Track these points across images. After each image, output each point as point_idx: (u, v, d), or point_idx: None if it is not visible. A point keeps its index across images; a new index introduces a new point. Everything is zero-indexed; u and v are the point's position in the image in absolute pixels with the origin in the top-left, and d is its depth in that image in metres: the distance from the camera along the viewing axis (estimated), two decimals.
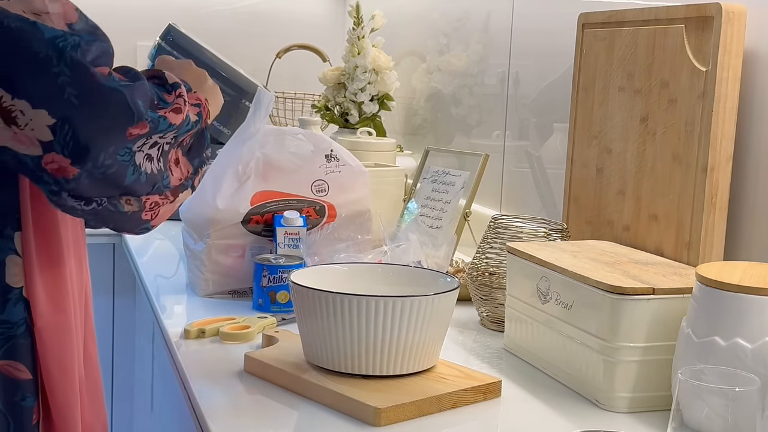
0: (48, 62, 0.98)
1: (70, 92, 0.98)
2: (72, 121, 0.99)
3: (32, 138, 0.99)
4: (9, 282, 1.12)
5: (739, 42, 1.41)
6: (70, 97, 0.98)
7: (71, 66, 0.98)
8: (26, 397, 1.15)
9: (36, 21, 0.98)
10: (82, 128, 1.00)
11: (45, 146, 1.00)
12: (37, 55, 0.97)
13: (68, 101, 0.98)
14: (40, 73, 0.98)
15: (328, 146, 1.88)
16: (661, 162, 1.52)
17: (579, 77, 1.73)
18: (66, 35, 0.99)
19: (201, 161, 1.23)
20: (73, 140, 0.99)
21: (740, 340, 1.10)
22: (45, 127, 0.99)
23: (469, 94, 2.47)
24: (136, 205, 1.12)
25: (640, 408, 1.26)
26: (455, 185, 2.00)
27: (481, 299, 1.66)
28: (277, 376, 1.31)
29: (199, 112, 1.18)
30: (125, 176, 1.06)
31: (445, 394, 1.25)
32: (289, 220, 1.77)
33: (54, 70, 0.98)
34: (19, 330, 1.14)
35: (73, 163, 1.01)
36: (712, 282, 1.13)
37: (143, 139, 1.06)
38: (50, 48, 0.98)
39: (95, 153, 1.01)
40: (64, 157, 1.00)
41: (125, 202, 1.11)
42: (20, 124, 0.99)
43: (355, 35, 2.68)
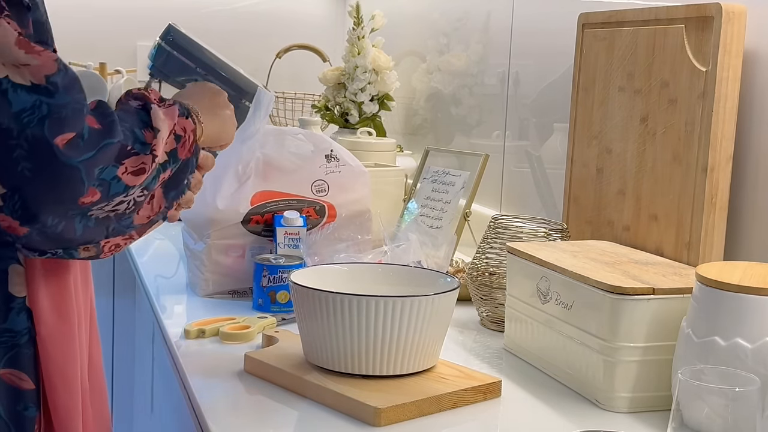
0: (8, 134, 0.99)
1: (24, 166, 1.00)
2: (22, 192, 1.01)
3: None
4: (12, 291, 1.12)
5: (739, 42, 1.41)
6: (23, 171, 1.00)
7: (31, 141, 0.99)
8: (29, 407, 1.14)
9: (8, 89, 0.99)
10: (32, 199, 1.01)
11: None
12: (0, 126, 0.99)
13: (21, 174, 1.00)
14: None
15: (328, 146, 1.88)
16: (661, 162, 1.52)
17: (579, 77, 1.73)
18: (34, 107, 0.99)
19: (178, 193, 1.21)
20: (22, 208, 1.01)
21: (740, 340, 1.10)
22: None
23: (469, 94, 2.47)
24: (94, 250, 1.13)
25: (640, 408, 1.26)
26: (455, 185, 2.00)
27: (481, 299, 1.66)
28: (277, 376, 1.31)
29: (174, 149, 1.16)
30: (74, 230, 1.07)
31: (445, 394, 1.25)
32: (289, 220, 1.77)
33: (12, 143, 0.99)
34: (22, 339, 1.13)
35: (22, 225, 1.03)
36: (712, 282, 1.13)
37: (100, 204, 1.07)
38: (13, 121, 0.98)
39: (44, 218, 1.03)
40: (13, 219, 1.02)
41: (82, 250, 1.12)
42: None
43: (355, 35, 2.68)
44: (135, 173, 1.09)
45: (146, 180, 1.11)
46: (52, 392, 1.16)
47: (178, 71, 2.88)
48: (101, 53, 3.01)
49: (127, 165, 1.08)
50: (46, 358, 1.15)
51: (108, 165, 1.05)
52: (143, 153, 1.10)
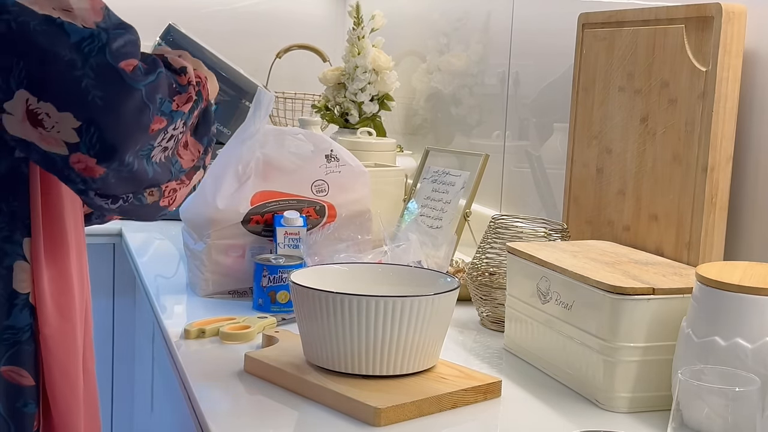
0: (73, 66, 0.99)
1: (95, 94, 1.00)
2: (98, 122, 1.00)
3: (58, 140, 1.01)
4: (16, 287, 1.12)
5: (739, 42, 1.41)
6: (95, 99, 1.00)
7: (96, 68, 1.00)
8: (28, 403, 1.15)
9: (63, 22, 0.99)
10: (108, 129, 1.01)
11: (71, 147, 1.01)
12: (63, 59, 0.98)
13: (93, 103, 1.00)
14: (65, 77, 0.99)
15: (328, 146, 1.88)
16: (661, 162, 1.52)
17: (579, 77, 1.73)
18: (93, 36, 1.00)
19: (209, 139, 1.23)
20: (99, 141, 1.01)
21: (740, 340, 1.10)
22: (71, 130, 1.00)
23: (469, 94, 2.47)
24: (157, 194, 1.15)
25: (640, 408, 1.26)
26: (455, 185, 2.00)
27: (481, 299, 1.66)
28: (277, 376, 1.31)
29: (199, 91, 1.18)
30: (147, 171, 1.08)
31: (445, 394, 1.25)
32: (289, 220, 1.77)
33: (78, 74, 0.99)
34: (24, 336, 1.13)
35: (99, 163, 1.03)
36: (712, 282, 1.13)
37: (162, 133, 1.08)
38: (75, 52, 0.99)
39: (122, 152, 1.03)
40: (90, 157, 1.02)
41: (148, 194, 1.13)
42: (47, 127, 1.00)
43: (355, 35, 2.68)
44: (185, 103, 1.11)
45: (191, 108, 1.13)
46: (52, 390, 1.16)
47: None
48: None
49: (177, 100, 1.10)
50: (48, 355, 1.15)
51: (165, 97, 1.07)
52: (184, 91, 1.12)
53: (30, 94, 0.99)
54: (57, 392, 1.17)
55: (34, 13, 0.98)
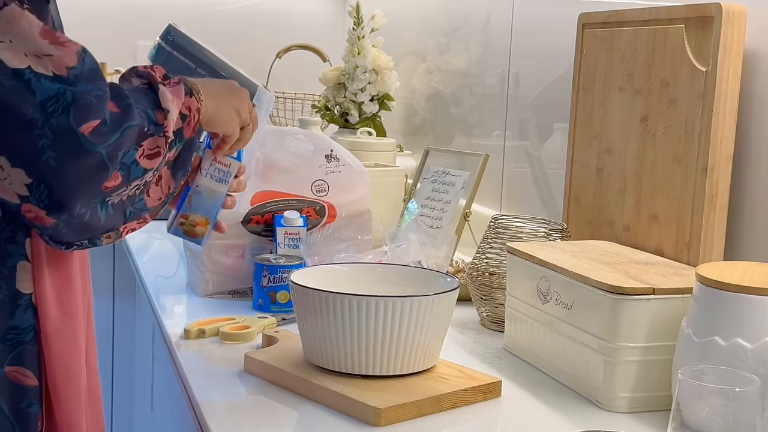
0: (33, 125, 0.99)
1: (50, 155, 1.00)
2: (48, 181, 1.01)
3: (11, 190, 1.02)
4: (19, 288, 1.12)
5: (739, 42, 1.41)
6: (48, 160, 1.00)
7: (55, 130, 1.00)
8: (33, 404, 1.14)
9: (31, 79, 0.99)
10: (58, 188, 1.02)
11: (22, 198, 1.03)
12: (23, 117, 0.98)
13: (46, 163, 1.00)
14: (22, 135, 0.99)
15: (328, 146, 1.88)
16: (661, 162, 1.52)
17: (579, 77, 1.73)
18: (58, 95, 0.99)
19: (185, 172, 1.23)
20: (48, 197, 1.02)
21: (740, 340, 1.10)
22: (22, 184, 1.01)
23: (469, 94, 2.47)
24: (114, 236, 1.15)
25: (640, 408, 1.26)
26: (455, 185, 2.00)
27: (481, 299, 1.66)
28: (277, 376, 1.31)
29: (180, 128, 1.17)
30: (98, 218, 1.09)
31: (445, 394, 1.25)
32: (289, 220, 1.77)
33: (36, 133, 0.99)
34: (28, 336, 1.13)
35: (49, 214, 1.04)
36: (713, 282, 1.13)
37: (121, 188, 1.09)
38: (38, 111, 0.99)
39: (71, 207, 1.04)
40: (40, 209, 1.03)
41: (105, 238, 1.14)
42: (0, 177, 1.01)
43: (355, 35, 2.68)
44: (150, 156, 1.10)
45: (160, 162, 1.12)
46: (55, 390, 1.16)
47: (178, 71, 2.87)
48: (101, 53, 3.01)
49: (145, 147, 1.09)
50: (50, 355, 1.15)
51: (130, 148, 1.06)
52: (158, 134, 1.11)
53: None
54: (60, 392, 1.17)
55: (3, 67, 0.98)
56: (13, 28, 0.99)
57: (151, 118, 1.11)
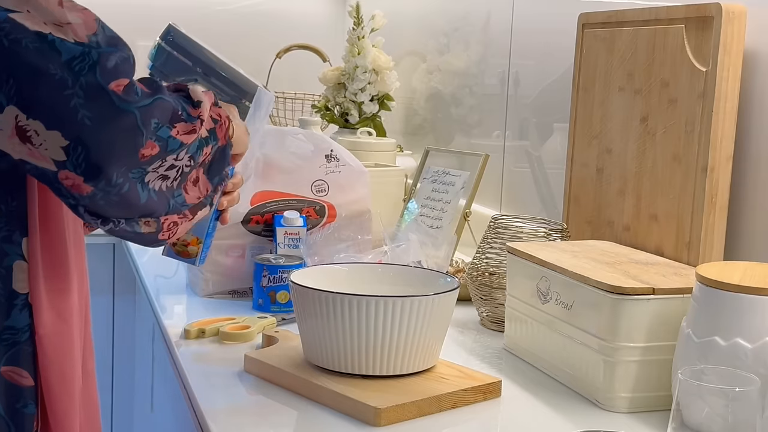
0: (63, 84, 0.98)
1: (84, 114, 0.99)
2: (85, 142, 1.00)
3: (47, 156, 1.01)
4: (15, 288, 1.12)
5: (739, 42, 1.41)
6: (83, 119, 0.99)
7: (86, 88, 0.99)
8: (28, 404, 1.14)
9: (54, 39, 0.98)
10: (95, 150, 1.00)
11: (59, 164, 1.01)
12: (53, 77, 0.98)
13: (81, 123, 0.99)
14: (54, 96, 0.98)
15: (328, 146, 1.88)
16: (661, 162, 1.52)
17: (579, 77, 1.73)
18: (84, 54, 0.99)
19: (221, 179, 1.23)
20: (86, 160, 1.01)
21: (740, 340, 1.10)
22: (59, 148, 1.00)
23: (469, 94, 2.47)
24: (154, 225, 1.14)
25: (640, 408, 1.26)
26: (455, 185, 2.00)
27: (481, 299, 1.66)
28: (277, 376, 1.31)
29: (213, 128, 1.17)
30: (137, 196, 1.07)
31: (445, 394, 1.25)
32: (289, 220, 1.77)
33: (68, 93, 0.98)
34: (23, 336, 1.13)
35: (86, 181, 1.02)
36: (712, 282, 1.13)
37: (158, 160, 1.07)
38: (66, 70, 0.98)
39: (109, 172, 1.02)
40: (78, 175, 1.02)
41: (143, 224, 1.13)
42: (35, 143, 1.00)
43: (355, 35, 2.68)
44: (186, 133, 1.10)
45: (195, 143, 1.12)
46: (48, 391, 1.15)
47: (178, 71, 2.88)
48: None
49: (179, 128, 1.09)
50: (43, 356, 1.14)
51: (163, 123, 1.06)
52: (191, 121, 1.11)
53: (19, 110, 0.98)
54: (53, 393, 1.16)
55: (25, 30, 0.97)
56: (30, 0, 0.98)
57: (184, 106, 1.11)
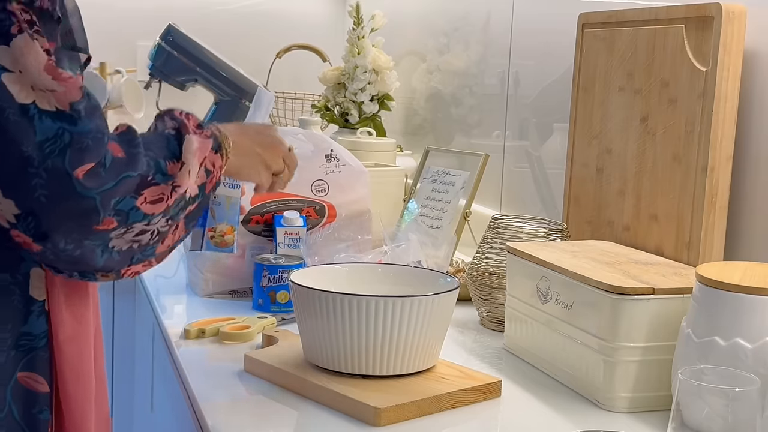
0: (29, 162, 1.00)
1: (41, 193, 1.01)
2: (36, 215, 1.02)
3: (2, 215, 1.03)
4: (33, 294, 1.12)
5: (739, 42, 1.41)
6: (39, 197, 1.01)
7: (50, 171, 1.01)
8: (43, 410, 1.14)
9: (34, 115, 1.00)
10: (45, 222, 1.03)
11: (11, 224, 1.03)
12: (22, 154, 1.00)
13: (37, 199, 1.01)
14: (18, 170, 1.00)
15: (328, 146, 1.88)
16: (661, 162, 1.52)
17: (579, 77, 1.73)
18: (57, 136, 1.01)
19: (196, 222, 1.23)
20: (35, 227, 1.03)
21: (740, 340, 1.10)
22: (11, 213, 1.02)
23: (469, 94, 2.47)
24: (113, 276, 1.14)
25: (640, 408, 1.26)
26: (455, 185, 2.00)
27: (481, 299, 1.66)
28: (277, 376, 1.31)
29: (203, 183, 1.18)
30: (93, 258, 1.08)
31: (445, 394, 1.25)
32: (289, 220, 1.77)
33: (32, 171, 1.00)
34: (40, 342, 1.13)
35: (35, 242, 1.04)
36: (712, 282, 1.13)
37: (118, 230, 1.07)
38: (36, 150, 1.00)
39: (55, 240, 1.04)
40: (27, 236, 1.04)
41: (101, 276, 1.13)
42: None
43: (355, 35, 2.68)
44: (153, 202, 1.10)
45: (169, 210, 1.12)
46: (66, 395, 1.16)
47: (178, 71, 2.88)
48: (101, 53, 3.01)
49: (146, 195, 1.09)
50: (62, 361, 1.15)
51: (125, 196, 1.06)
52: (163, 183, 1.10)
53: None
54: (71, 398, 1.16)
55: (11, 100, 0.99)
56: (21, 59, 1.00)
57: (160, 167, 1.10)
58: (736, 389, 0.93)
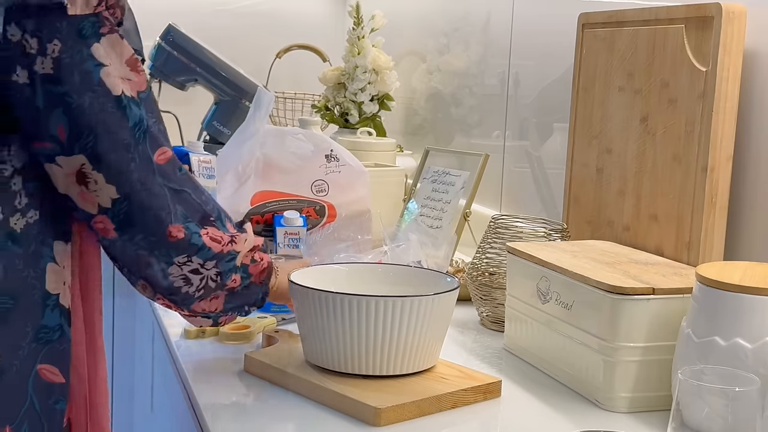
0: (128, 148, 1.12)
1: (137, 177, 1.13)
2: (131, 200, 1.14)
3: (94, 201, 1.13)
4: (48, 288, 1.16)
5: (739, 42, 1.41)
6: (136, 182, 1.13)
7: (142, 156, 1.13)
8: (59, 400, 1.18)
9: (126, 105, 1.11)
10: (136, 209, 1.14)
11: (101, 210, 1.14)
12: (122, 141, 1.11)
13: (133, 184, 1.13)
14: (120, 156, 1.12)
15: (328, 146, 1.88)
16: (661, 162, 1.52)
17: (579, 77, 1.73)
18: (140, 121, 1.13)
19: (235, 310, 1.34)
20: (125, 214, 1.14)
21: (740, 340, 1.10)
22: (109, 198, 1.13)
23: (469, 94, 2.47)
24: (150, 293, 1.25)
25: (640, 408, 1.26)
26: (455, 185, 2.00)
27: (481, 299, 1.66)
28: (277, 376, 1.31)
29: (247, 265, 1.30)
30: (151, 266, 1.20)
31: (445, 394, 1.25)
32: (289, 220, 1.77)
33: (130, 156, 1.12)
34: (55, 335, 1.17)
35: (116, 230, 1.16)
36: (712, 282, 1.13)
37: (184, 254, 1.20)
38: (131, 136, 1.12)
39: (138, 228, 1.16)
40: (111, 222, 1.15)
41: (141, 287, 1.25)
42: (90, 189, 1.12)
43: (355, 35, 2.68)
44: (213, 239, 1.23)
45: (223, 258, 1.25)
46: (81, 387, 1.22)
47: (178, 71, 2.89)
48: None
49: (209, 231, 1.22)
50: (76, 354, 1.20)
51: (191, 218, 1.20)
52: (222, 230, 1.24)
53: (87, 161, 1.10)
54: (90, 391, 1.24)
55: (110, 95, 1.10)
56: (113, 52, 1.11)
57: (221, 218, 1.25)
58: (736, 389, 0.93)
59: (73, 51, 1.08)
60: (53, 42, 1.07)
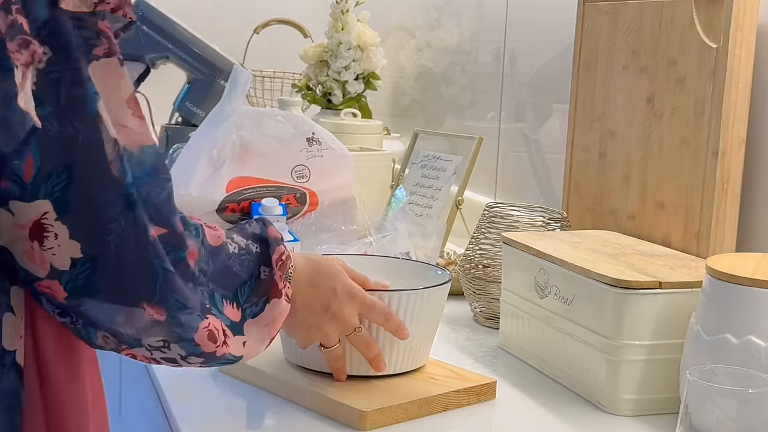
0: (111, 206, 0.93)
1: (112, 239, 0.93)
2: (96, 263, 0.94)
3: (47, 262, 0.94)
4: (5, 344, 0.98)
5: (752, 16, 1.41)
6: (110, 243, 0.94)
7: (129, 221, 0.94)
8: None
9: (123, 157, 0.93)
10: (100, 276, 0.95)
11: (52, 273, 0.94)
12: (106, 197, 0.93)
13: (107, 245, 0.94)
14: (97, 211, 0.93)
15: (309, 129, 1.87)
16: (668, 146, 1.52)
17: (580, 54, 1.73)
18: (140, 184, 0.95)
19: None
20: (84, 281, 0.95)
21: (754, 338, 1.10)
22: (68, 258, 0.93)
23: (461, 72, 2.47)
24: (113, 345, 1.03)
25: (645, 411, 1.27)
26: (446, 171, 2.00)
27: (475, 294, 1.66)
28: (253, 376, 1.31)
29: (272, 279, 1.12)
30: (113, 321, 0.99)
31: (436, 395, 1.25)
32: (268, 208, 1.76)
33: (111, 215, 0.93)
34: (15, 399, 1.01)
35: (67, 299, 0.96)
36: (724, 275, 1.13)
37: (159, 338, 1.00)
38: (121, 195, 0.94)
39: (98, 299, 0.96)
40: (63, 290, 0.95)
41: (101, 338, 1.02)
42: (45, 246, 0.93)
43: (338, 9, 2.68)
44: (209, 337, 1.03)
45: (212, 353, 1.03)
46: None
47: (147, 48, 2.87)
48: None
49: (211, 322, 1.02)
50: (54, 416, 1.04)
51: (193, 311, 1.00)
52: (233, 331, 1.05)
53: (52, 208, 0.92)
54: None
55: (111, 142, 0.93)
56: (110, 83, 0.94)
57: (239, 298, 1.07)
58: (749, 391, 0.93)
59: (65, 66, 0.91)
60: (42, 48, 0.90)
